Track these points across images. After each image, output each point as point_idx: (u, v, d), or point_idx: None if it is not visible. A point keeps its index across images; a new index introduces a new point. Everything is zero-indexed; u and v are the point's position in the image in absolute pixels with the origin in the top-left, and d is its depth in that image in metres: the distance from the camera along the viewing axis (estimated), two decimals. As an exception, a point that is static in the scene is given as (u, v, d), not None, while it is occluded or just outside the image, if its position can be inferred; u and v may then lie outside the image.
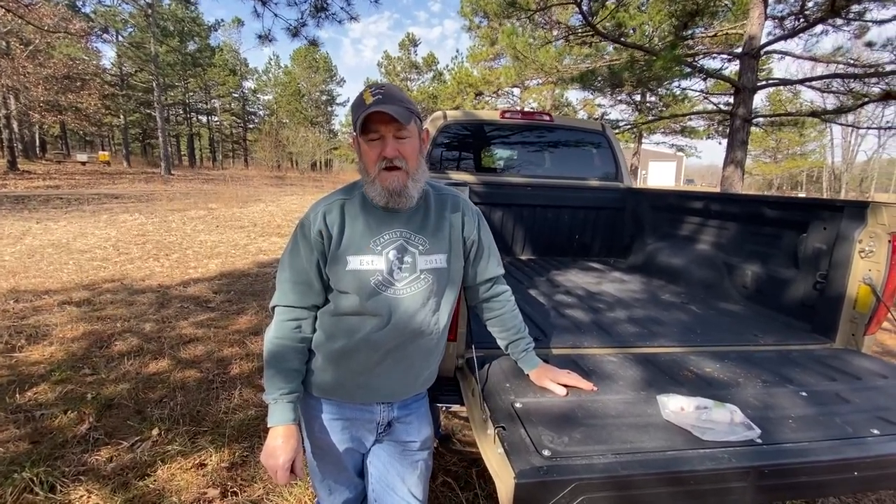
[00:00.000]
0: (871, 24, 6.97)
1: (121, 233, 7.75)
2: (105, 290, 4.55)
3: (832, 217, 1.83)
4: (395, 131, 1.00)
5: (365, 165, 1.04)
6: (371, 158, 1.01)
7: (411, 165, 1.03)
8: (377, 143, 1.01)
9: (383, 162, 1.00)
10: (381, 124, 0.99)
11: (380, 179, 1.01)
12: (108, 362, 3.01)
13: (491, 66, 23.28)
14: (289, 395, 1.05)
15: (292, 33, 5.40)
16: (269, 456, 1.03)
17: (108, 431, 2.27)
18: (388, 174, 1.01)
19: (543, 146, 3.50)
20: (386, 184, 1.01)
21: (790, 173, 41.70)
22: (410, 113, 1.00)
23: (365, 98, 0.99)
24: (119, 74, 27.08)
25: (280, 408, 1.04)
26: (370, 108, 0.97)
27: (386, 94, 0.99)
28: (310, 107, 44.39)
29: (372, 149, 1.01)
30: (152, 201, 12.71)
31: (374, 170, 1.01)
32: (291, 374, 1.06)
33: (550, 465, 0.89)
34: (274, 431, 1.04)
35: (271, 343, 1.07)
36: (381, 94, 0.99)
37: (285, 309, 1.08)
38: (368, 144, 1.01)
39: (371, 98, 0.98)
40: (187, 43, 29.01)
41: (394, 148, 1.00)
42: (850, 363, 1.54)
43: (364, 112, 0.97)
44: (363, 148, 1.03)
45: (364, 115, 0.97)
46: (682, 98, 15.74)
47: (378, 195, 1.03)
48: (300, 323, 1.07)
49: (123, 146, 28.67)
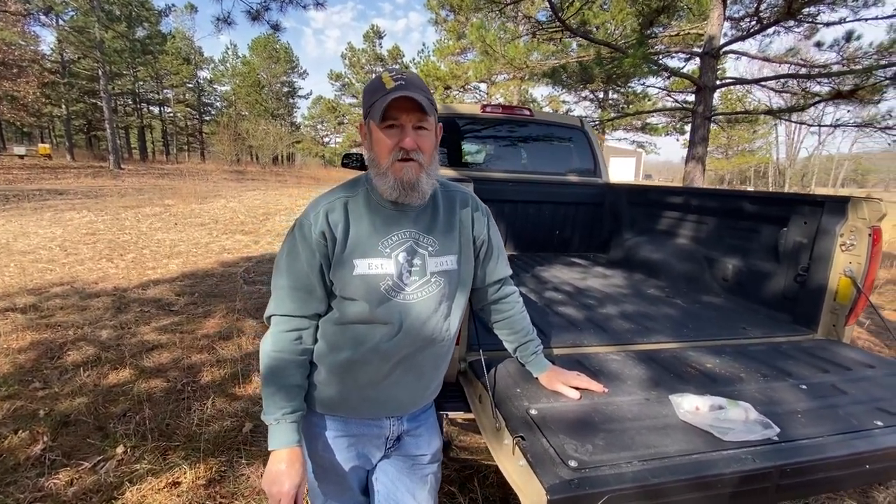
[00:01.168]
0: (821, 26, 7.37)
1: (67, 232, 7.19)
2: (53, 295, 4.19)
3: (813, 212, 1.88)
4: (416, 121, 0.92)
5: (377, 155, 0.94)
6: (386, 147, 0.92)
7: (426, 159, 0.95)
8: (394, 132, 0.92)
9: (399, 152, 0.92)
10: (402, 112, 0.90)
11: (392, 170, 0.93)
12: (61, 374, 2.76)
13: (458, 61, 23.19)
14: (291, 414, 0.96)
15: (253, 17, 5.11)
16: (273, 482, 0.93)
17: (66, 451, 2.06)
18: (401, 164, 0.92)
19: (523, 141, 3.47)
20: (399, 175, 0.92)
21: (740, 169, 43.98)
22: (431, 104, 0.92)
23: (385, 82, 0.91)
24: (60, 61, 25.14)
25: (283, 429, 0.95)
26: (392, 92, 0.88)
27: (408, 81, 0.91)
28: (270, 98, 42.89)
29: (389, 137, 0.92)
30: (101, 197, 11.91)
31: (388, 160, 0.93)
32: (293, 391, 0.97)
33: (581, 478, 0.85)
34: (277, 455, 0.94)
35: (269, 357, 0.97)
36: (404, 79, 0.91)
37: (284, 318, 0.98)
38: (385, 132, 0.92)
39: (392, 83, 0.90)
40: (135, 29, 27.20)
41: (413, 139, 0.92)
42: (837, 354, 1.58)
43: (385, 96, 0.88)
44: (377, 135, 0.93)
45: (386, 100, 0.88)
46: (644, 96, 16.25)
47: (389, 188, 0.94)
48: (301, 333, 0.98)
49: (66, 138, 26.68)
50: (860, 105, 6.39)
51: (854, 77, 6.08)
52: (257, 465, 2.02)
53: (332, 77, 40.40)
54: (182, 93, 39.03)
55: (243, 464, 2.02)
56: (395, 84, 0.90)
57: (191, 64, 37.51)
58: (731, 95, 25.85)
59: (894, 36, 6.48)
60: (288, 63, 43.24)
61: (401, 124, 0.91)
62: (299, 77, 45.27)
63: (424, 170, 0.95)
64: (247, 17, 5.08)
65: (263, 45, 40.75)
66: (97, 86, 24.55)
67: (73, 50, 23.58)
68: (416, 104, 0.89)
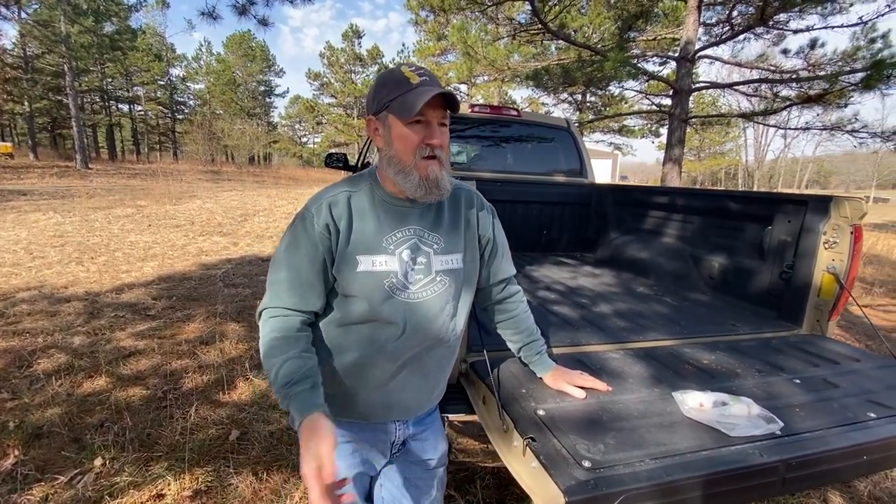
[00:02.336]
0: (788, 34, 7.66)
1: (33, 234, 6.87)
2: (20, 300, 3.98)
3: (796, 211, 1.93)
4: (440, 118, 0.90)
5: (398, 151, 0.91)
6: (412, 144, 0.89)
7: (445, 156, 0.93)
8: (420, 128, 0.89)
9: (426, 150, 0.90)
10: (429, 108, 0.87)
11: (418, 168, 0.90)
12: (31, 384, 2.62)
13: (438, 62, 23.23)
14: (301, 381, 0.84)
15: (239, 11, 4.97)
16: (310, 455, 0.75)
17: (39, 465, 1.95)
18: (427, 162, 0.90)
19: (511, 141, 3.48)
20: (426, 172, 0.90)
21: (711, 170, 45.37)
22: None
23: (408, 77, 0.88)
24: (23, 56, 24.03)
25: (296, 402, 0.82)
26: (422, 88, 0.86)
27: (431, 77, 0.89)
28: (246, 97, 42.03)
29: (415, 133, 0.89)
30: (69, 198, 11.43)
31: (413, 157, 0.90)
32: (297, 362, 0.87)
33: (597, 478, 0.84)
34: (303, 426, 0.78)
35: (269, 342, 0.89)
36: (427, 75, 0.89)
37: (280, 310, 0.92)
38: (411, 128, 0.89)
39: (417, 78, 0.88)
40: (104, 23, 26.21)
41: (440, 136, 0.90)
42: (824, 348, 1.63)
43: (414, 92, 0.86)
44: (401, 131, 0.90)
45: (422, 97, 0.85)
46: (621, 98, 16.59)
47: (414, 186, 0.91)
48: (300, 322, 0.93)
49: (29, 136, 25.51)
50: (827, 109, 6.66)
51: (822, 82, 6.34)
52: (245, 474, 1.95)
53: (311, 76, 39.87)
54: (153, 90, 37.85)
55: (231, 473, 1.95)
56: (420, 80, 0.88)
57: (162, 61, 36.43)
58: (702, 99, 26.66)
59: (857, 44, 6.79)
60: (264, 61, 42.47)
61: (427, 120, 0.89)
62: (276, 76, 44.55)
63: (444, 167, 0.93)
64: (233, 11, 4.93)
65: (239, 43, 39.91)
66: (63, 82, 23.58)
67: (37, 45, 22.56)
68: (443, 101, 0.87)
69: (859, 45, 6.52)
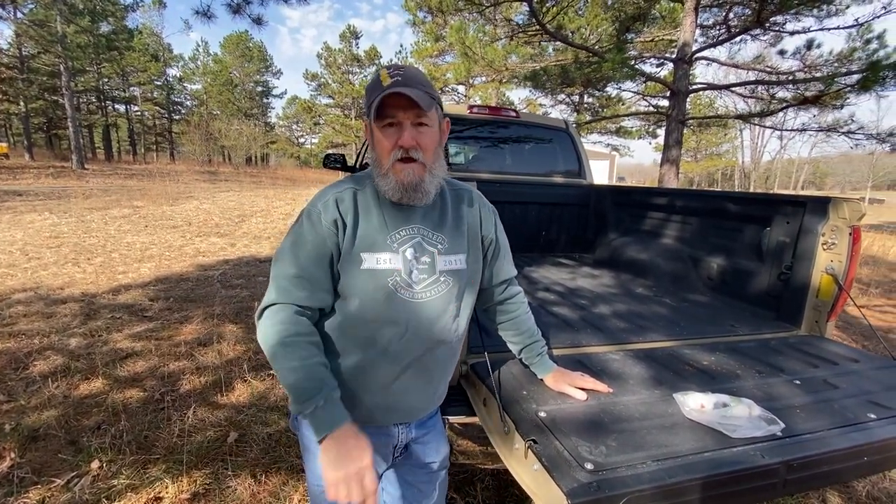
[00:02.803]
0: (785, 35, 7.70)
1: (28, 235, 6.83)
2: (15, 302, 3.96)
3: (795, 212, 1.94)
4: (415, 118, 0.89)
5: (378, 155, 0.92)
6: (385, 147, 0.90)
7: (428, 157, 0.92)
8: (393, 131, 0.89)
9: (399, 152, 0.89)
10: (398, 109, 0.87)
11: (393, 171, 0.90)
12: (27, 386, 2.60)
13: (436, 63, 23.24)
14: (331, 391, 0.86)
15: (234, 10, 4.95)
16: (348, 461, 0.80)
17: (35, 468, 1.94)
18: (402, 166, 0.89)
19: (509, 142, 3.48)
20: (400, 177, 0.89)
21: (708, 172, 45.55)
22: (431, 99, 0.89)
23: (382, 79, 0.88)
24: (18, 56, 23.89)
25: (321, 414, 0.83)
26: (387, 89, 0.85)
27: (406, 76, 0.88)
28: (243, 98, 41.91)
29: (387, 137, 0.89)
30: (65, 199, 11.37)
31: (388, 161, 0.90)
32: (317, 369, 0.87)
33: (600, 480, 0.84)
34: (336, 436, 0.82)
35: (282, 344, 0.87)
36: (401, 75, 0.88)
37: (287, 307, 0.90)
38: (383, 132, 0.89)
39: (389, 79, 0.87)
40: (100, 23, 26.10)
41: (411, 137, 0.89)
42: (823, 349, 1.63)
43: (380, 94, 0.85)
44: (377, 135, 0.91)
45: (380, 98, 0.85)
46: (619, 100, 16.63)
47: (391, 189, 0.91)
48: (308, 321, 0.92)
49: (25, 137, 25.35)
50: (824, 110, 6.69)
51: (819, 83, 6.37)
52: (243, 476, 1.94)
53: (308, 77, 39.80)
54: (150, 91, 37.68)
55: (229, 475, 1.94)
56: (392, 80, 0.87)
57: (159, 61, 36.28)
58: (699, 101, 26.77)
59: (853, 45, 6.83)
60: (262, 62, 42.38)
61: (398, 122, 0.89)
62: (273, 76, 44.45)
63: (427, 169, 0.92)
64: (227, 10, 4.91)
65: (236, 43, 39.81)
66: (59, 82, 23.44)
67: (33, 45, 22.45)
68: (412, 100, 0.85)
69: (855, 47, 6.56)
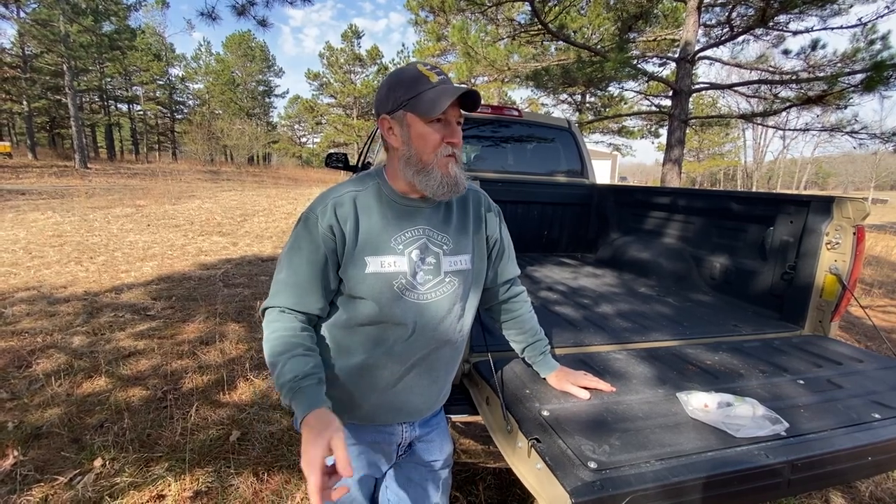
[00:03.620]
0: (788, 35, 7.67)
1: (31, 234, 6.85)
2: (18, 300, 3.97)
3: (799, 211, 1.93)
4: (458, 117, 0.91)
5: (418, 150, 0.90)
6: (433, 142, 0.89)
7: (462, 156, 0.94)
8: (440, 127, 0.89)
9: (448, 149, 0.90)
10: (451, 107, 0.88)
11: (439, 166, 0.90)
12: (30, 384, 2.61)
13: (438, 62, 23.21)
14: (305, 378, 0.84)
15: (238, 11, 4.97)
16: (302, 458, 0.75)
17: (38, 466, 1.95)
18: (447, 160, 0.90)
19: (512, 142, 3.48)
20: (447, 170, 0.90)
21: (710, 171, 45.46)
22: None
23: (426, 75, 0.88)
24: (21, 55, 23.96)
25: (300, 398, 0.82)
26: (443, 87, 0.86)
27: (446, 75, 0.90)
28: (245, 97, 41.98)
29: (436, 132, 0.89)
30: (68, 198, 11.40)
31: (434, 156, 0.90)
32: (301, 360, 0.87)
33: (604, 479, 0.83)
34: (307, 419, 0.79)
35: (271, 341, 0.88)
36: (443, 74, 0.90)
37: (280, 310, 0.92)
38: (433, 126, 0.89)
39: (435, 76, 0.88)
40: (103, 23, 26.15)
41: (459, 135, 0.90)
42: (827, 349, 1.62)
43: (437, 89, 0.86)
44: (422, 129, 0.89)
45: (440, 94, 0.85)
46: (621, 99, 16.60)
47: (436, 185, 0.90)
48: (300, 322, 0.92)
49: (28, 136, 25.44)
50: (827, 110, 6.67)
51: (822, 83, 6.34)
52: (246, 474, 1.94)
53: (310, 76, 39.84)
54: (152, 90, 37.78)
55: (232, 473, 1.94)
56: (439, 78, 0.88)
57: (162, 61, 36.37)
58: (701, 100, 26.71)
59: (857, 45, 6.80)
60: (264, 61, 42.44)
61: (447, 119, 0.89)
62: (275, 76, 44.51)
63: (460, 165, 0.94)
64: (232, 11, 4.93)
65: (238, 43, 39.87)
66: (61, 82, 23.53)
67: (36, 44, 22.51)
68: (465, 100, 0.88)
69: (859, 47, 6.53)
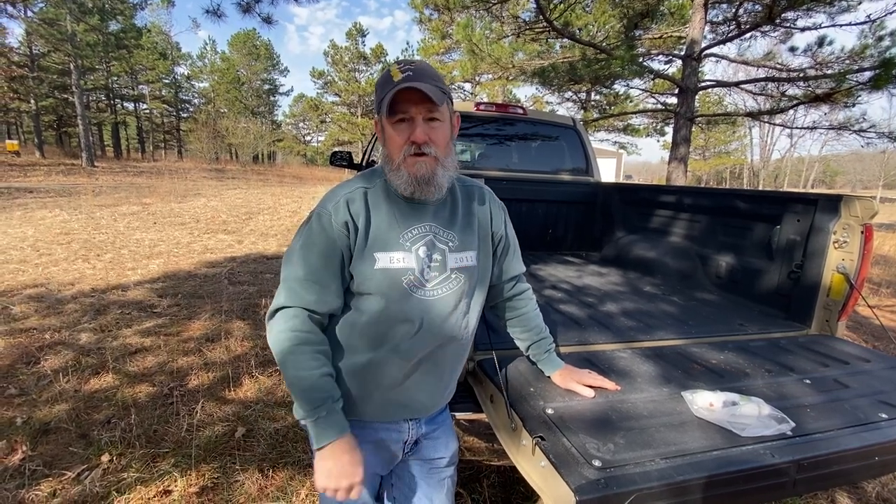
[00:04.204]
0: (795, 32, 7.59)
1: (39, 231, 6.91)
2: (26, 297, 4.01)
3: (806, 210, 1.92)
4: (426, 113, 0.89)
5: (389, 151, 0.92)
6: (397, 143, 0.90)
7: (441, 152, 0.92)
8: (405, 126, 0.89)
9: (411, 147, 0.89)
10: (410, 104, 0.87)
11: (405, 166, 0.90)
12: (38, 380, 2.63)
13: (442, 60, 23.20)
14: (335, 402, 0.90)
15: (244, 9, 4.97)
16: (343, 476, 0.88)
17: (46, 461, 1.97)
18: (414, 160, 0.89)
19: (516, 140, 3.47)
20: (412, 170, 0.89)
21: (716, 170, 45.13)
22: (443, 93, 0.89)
23: (393, 74, 0.88)
24: (29, 54, 24.14)
25: (331, 420, 0.88)
26: (399, 84, 0.85)
27: (417, 71, 0.88)
28: (250, 96, 42.10)
29: (398, 132, 0.89)
30: (75, 196, 11.49)
31: (400, 156, 0.90)
32: (323, 381, 0.90)
33: (608, 477, 0.83)
34: (324, 452, 0.88)
35: (291, 351, 0.89)
36: (412, 70, 0.88)
37: (295, 310, 0.91)
38: (395, 127, 0.89)
39: (400, 74, 0.87)
40: (109, 22, 26.31)
41: (423, 132, 0.88)
42: (833, 348, 1.61)
43: (392, 89, 0.85)
44: (388, 131, 0.91)
45: (392, 93, 0.85)
46: (626, 97, 16.51)
47: (403, 184, 0.91)
48: (313, 326, 0.92)
49: (35, 135, 25.64)
50: (835, 108, 6.61)
51: (830, 81, 6.28)
52: (251, 470, 1.96)
53: (315, 75, 39.90)
54: (158, 89, 37.93)
55: (237, 470, 1.95)
56: (403, 76, 0.87)
57: (167, 59, 36.50)
58: (708, 98, 26.51)
59: (865, 42, 6.72)
60: (269, 60, 42.52)
61: (411, 117, 0.89)
62: (280, 74, 44.57)
63: (440, 163, 0.92)
64: (237, 9, 4.93)
65: (243, 42, 39.96)
66: (68, 80, 23.70)
67: (43, 43, 22.66)
68: (424, 95, 0.86)
69: (867, 44, 6.46)
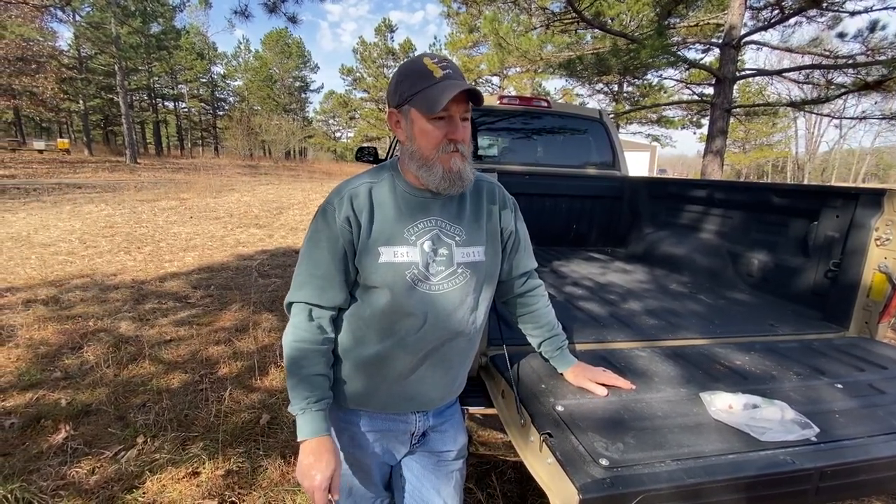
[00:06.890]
0: (844, 15, 7.13)
1: (86, 225, 7.32)
2: (73, 287, 4.26)
3: (846, 205, 1.81)
4: (463, 112, 0.90)
5: (421, 146, 0.91)
6: (435, 139, 0.89)
7: (467, 149, 0.93)
8: (443, 123, 0.89)
9: (450, 145, 0.89)
10: (452, 103, 0.86)
11: (441, 161, 0.90)
12: (81, 365, 2.80)
13: (470, 54, 23.05)
14: (316, 403, 0.93)
15: (270, 9, 5.11)
16: (304, 476, 0.90)
17: (87, 440, 2.10)
18: (450, 156, 0.90)
19: (540, 133, 3.42)
20: (448, 165, 0.90)
21: (757, 163, 43.14)
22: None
23: (431, 70, 0.87)
24: (77, 57, 25.51)
25: (308, 418, 0.92)
26: (446, 83, 0.85)
27: (454, 70, 0.89)
28: (282, 93, 43.11)
29: (438, 128, 0.89)
30: (119, 191, 12.10)
31: (436, 152, 0.90)
32: (316, 380, 0.94)
33: (614, 477, 0.82)
34: (306, 446, 0.91)
35: (291, 347, 0.94)
36: (450, 68, 0.88)
37: (303, 306, 0.95)
38: (434, 123, 0.89)
39: (440, 71, 0.87)
40: (150, 24, 27.46)
41: (463, 131, 0.90)
42: (872, 352, 1.52)
43: (438, 86, 0.85)
44: (423, 126, 0.89)
45: (447, 93, 0.84)
46: (660, 88, 15.98)
47: (437, 179, 0.91)
48: (320, 322, 0.95)
49: (84, 133, 27.15)
50: (887, 96, 6.19)
51: (882, 67, 5.88)
52: (275, 456, 2.02)
53: (344, 72, 40.45)
54: (196, 88, 39.41)
55: (261, 455, 2.03)
56: (444, 73, 0.87)
57: (204, 59, 37.81)
58: (748, 88, 25.30)
59: (924, 24, 6.25)
60: (300, 58, 43.38)
61: (450, 116, 0.89)
62: (311, 71, 45.43)
63: (467, 159, 0.93)
64: (264, 9, 5.08)
65: (276, 40, 40.90)
66: (113, 81, 24.92)
67: (90, 46, 23.93)
68: (465, 96, 0.87)
69: (926, 26, 6.00)
